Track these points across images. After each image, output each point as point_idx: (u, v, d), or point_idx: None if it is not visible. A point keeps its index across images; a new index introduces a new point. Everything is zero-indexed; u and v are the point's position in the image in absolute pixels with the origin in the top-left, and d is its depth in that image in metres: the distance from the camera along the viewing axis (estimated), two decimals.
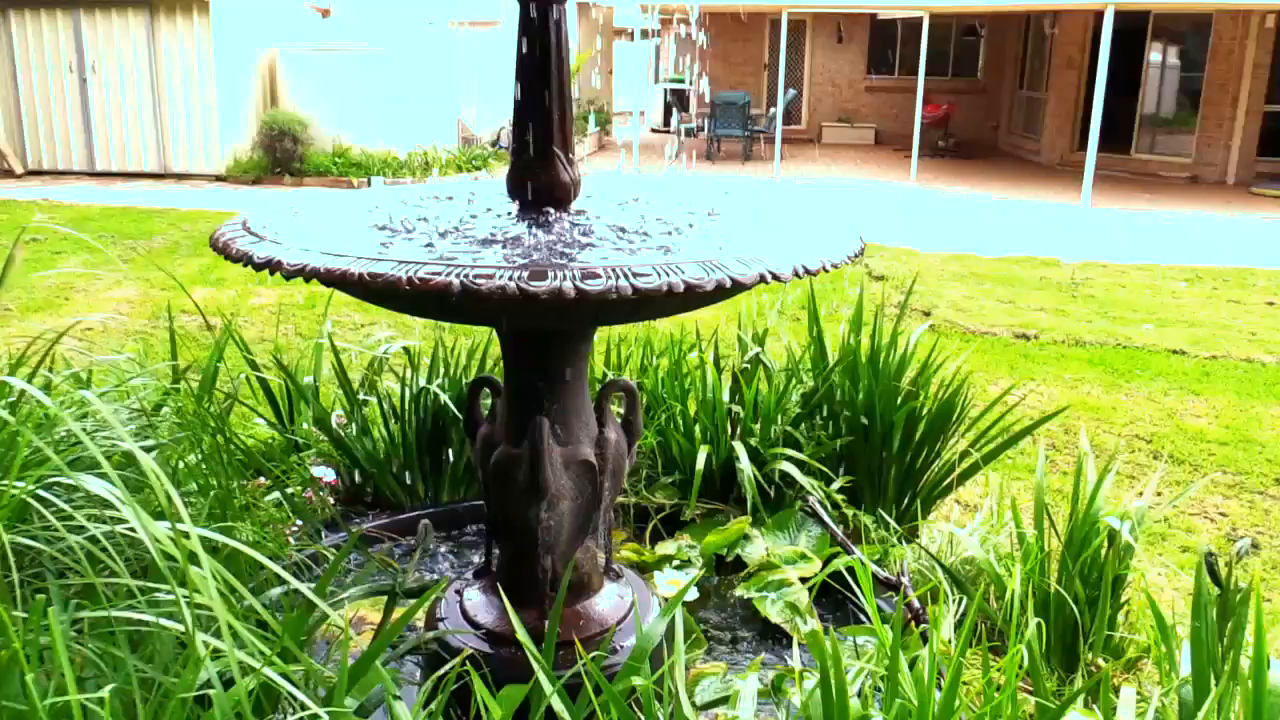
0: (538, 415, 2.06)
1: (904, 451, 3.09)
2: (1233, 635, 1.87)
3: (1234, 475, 4.24)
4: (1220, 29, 15.20)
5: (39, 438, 1.56)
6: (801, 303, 5.01)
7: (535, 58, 2.00)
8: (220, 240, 1.81)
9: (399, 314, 6.10)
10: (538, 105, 2.00)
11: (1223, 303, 7.47)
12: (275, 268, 1.65)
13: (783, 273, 1.68)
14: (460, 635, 2.19)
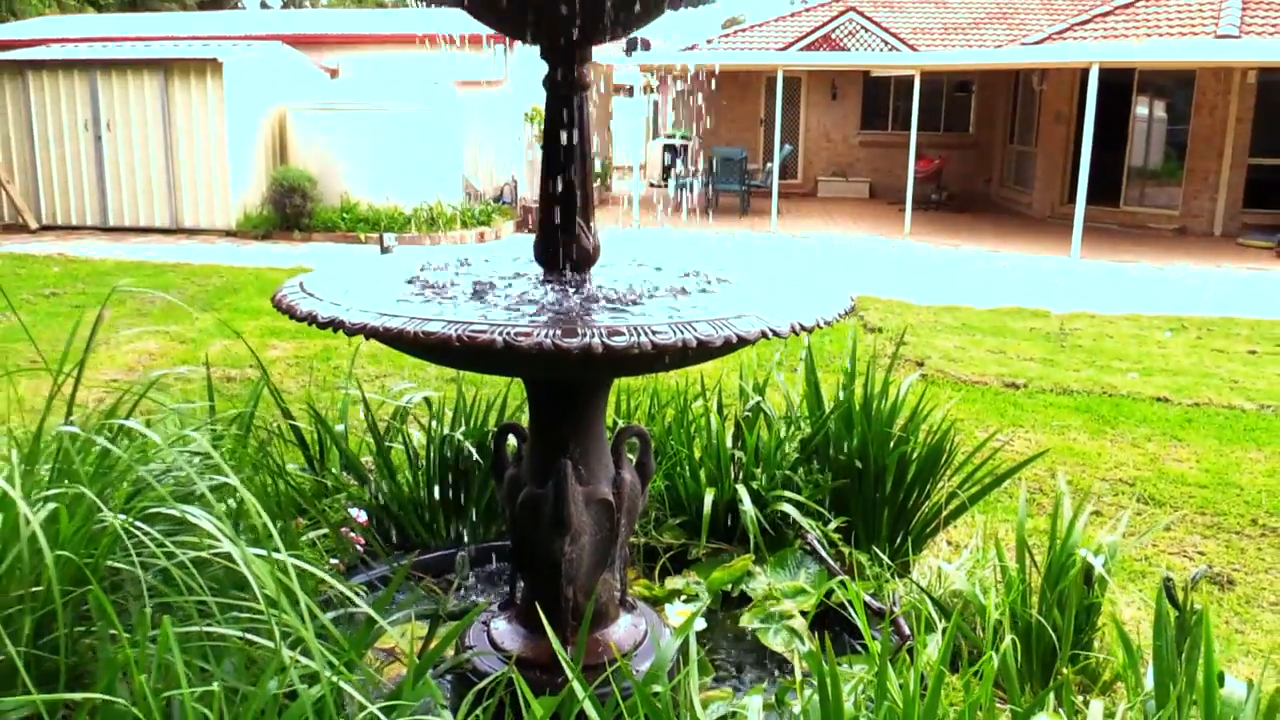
0: (562, 458, 2.29)
1: (896, 493, 3.31)
2: (1190, 652, 2.08)
3: (1212, 516, 4.44)
4: (1203, 84, 15.64)
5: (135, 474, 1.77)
6: (800, 353, 5.25)
7: (560, 139, 2.25)
8: (284, 303, 2.04)
9: (410, 367, 6.33)
10: (563, 181, 2.24)
11: (1206, 351, 7.71)
12: (338, 326, 1.88)
13: (782, 330, 1.91)
14: (488, 659, 2.40)
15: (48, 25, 17.72)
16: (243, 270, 10.41)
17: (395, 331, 1.82)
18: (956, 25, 21.12)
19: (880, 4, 22.07)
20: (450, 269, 2.45)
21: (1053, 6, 21.78)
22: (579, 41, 2.13)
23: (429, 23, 16.04)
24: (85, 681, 1.60)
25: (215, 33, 15.61)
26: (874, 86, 20.50)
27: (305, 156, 13.34)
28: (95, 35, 15.51)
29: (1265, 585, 3.77)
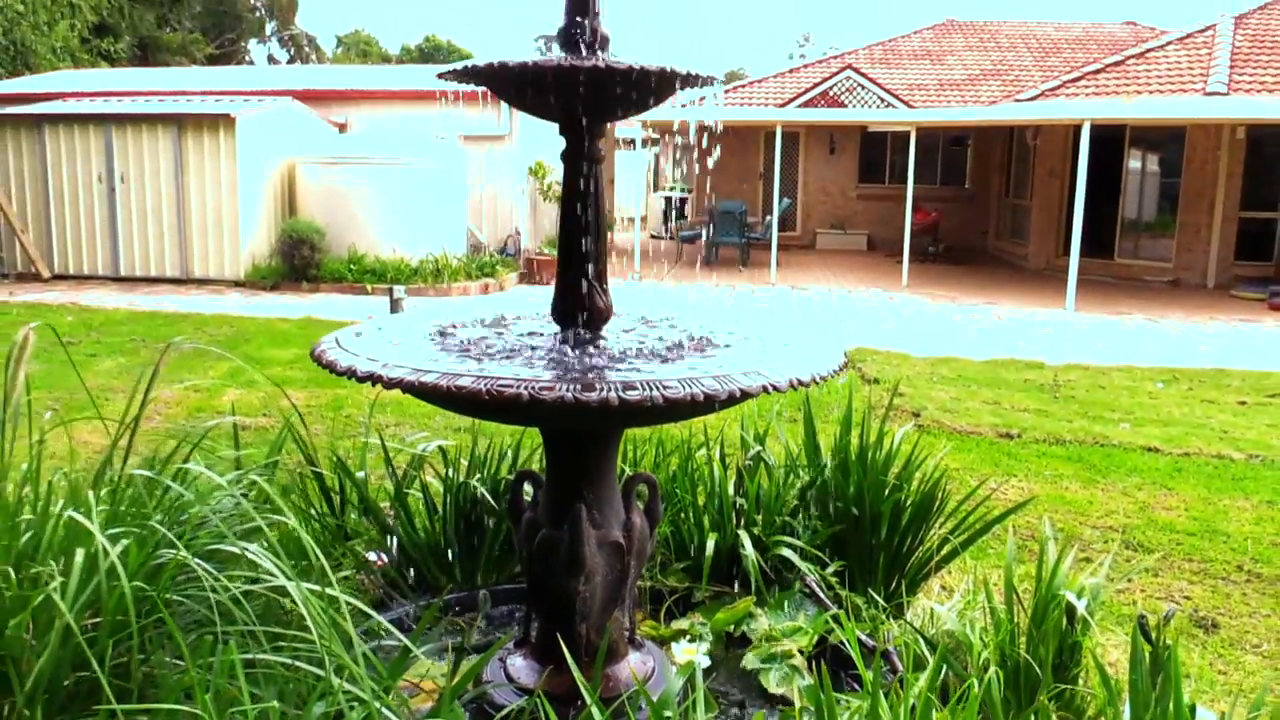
0: (577, 503, 2.45)
1: (890, 538, 3.46)
2: (1163, 686, 2.23)
3: (1200, 562, 4.59)
4: (1194, 139, 15.98)
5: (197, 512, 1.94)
6: (799, 404, 5.42)
7: (576, 207, 2.44)
8: (325, 358, 2.22)
9: (419, 417, 6.50)
10: (578, 247, 2.44)
11: (1197, 402, 7.89)
12: (376, 380, 2.06)
13: (781, 385, 2.09)
14: (504, 692, 2.55)
15: (63, 79, 18.11)
16: (253, 320, 10.61)
17: (429, 386, 2.00)
18: (952, 81, 21.56)
19: (877, 61, 22.55)
20: (473, 326, 2.64)
21: (1046, 63, 22.25)
22: (593, 121, 2.33)
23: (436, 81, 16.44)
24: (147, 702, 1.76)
25: (227, 87, 15.97)
26: (871, 141, 20.89)
27: (314, 209, 13.62)
28: (110, 89, 15.87)
29: (1249, 629, 3.91)
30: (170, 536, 1.70)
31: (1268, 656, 3.69)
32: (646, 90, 2.22)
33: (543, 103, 2.32)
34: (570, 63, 2.11)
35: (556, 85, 2.18)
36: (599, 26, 2.33)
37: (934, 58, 23.06)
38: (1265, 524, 5.13)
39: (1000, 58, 22.99)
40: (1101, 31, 24.54)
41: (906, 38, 24.40)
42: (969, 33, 24.65)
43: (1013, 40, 24.06)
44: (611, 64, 2.10)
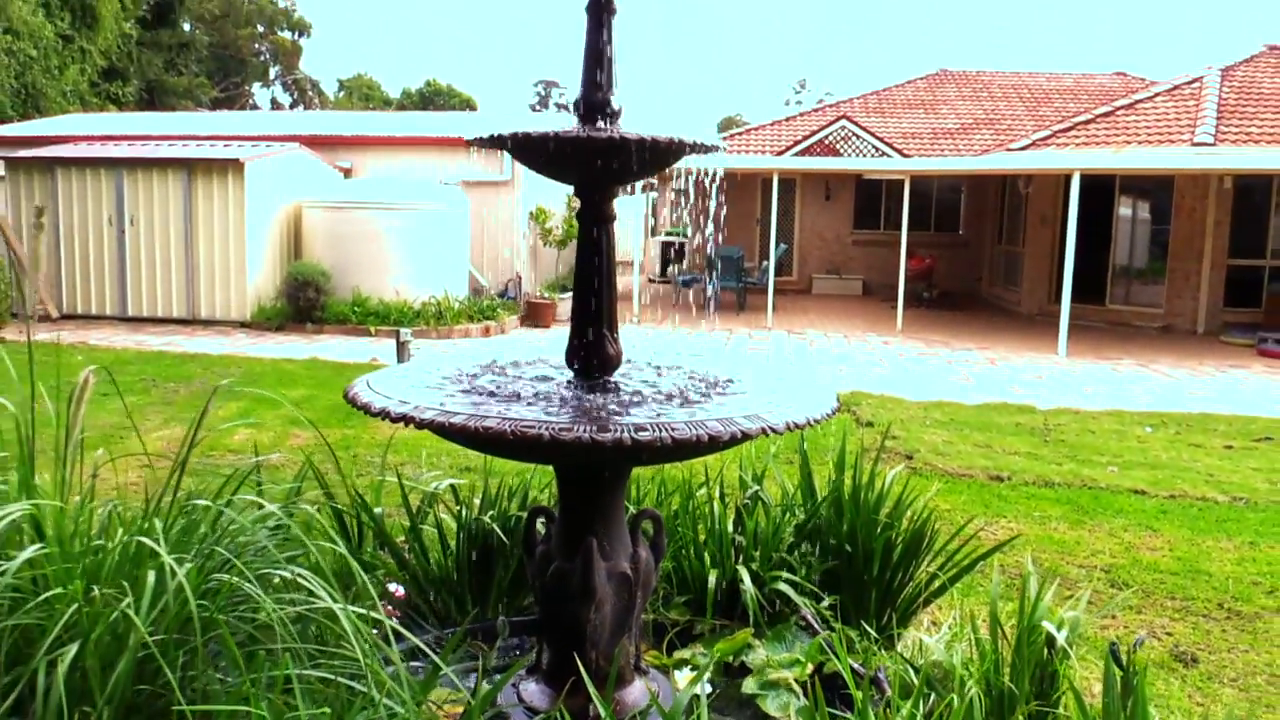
0: (588, 536, 2.64)
1: (882, 574, 3.64)
2: (1133, 708, 2.41)
3: (1182, 600, 4.76)
4: (1182, 188, 16.31)
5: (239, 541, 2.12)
6: (795, 446, 5.60)
7: (589, 262, 2.65)
8: (360, 400, 2.41)
9: (427, 456, 6.68)
10: (590, 298, 2.64)
11: (1184, 446, 8.08)
12: (409, 420, 2.25)
13: (778, 427, 2.29)
14: (517, 714, 2.72)
15: (73, 122, 18.45)
16: (259, 361, 10.80)
17: (458, 427, 2.19)
18: (945, 130, 21.98)
19: (872, 110, 22.99)
20: (492, 371, 2.84)
21: (1038, 113, 22.69)
22: (608, 186, 2.54)
23: (439, 127, 16.74)
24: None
25: (235, 132, 16.29)
26: (866, 188, 21.25)
27: (319, 251, 13.87)
28: (120, 133, 16.17)
29: (1227, 663, 4.08)
30: (232, 559, 1.88)
31: (1244, 689, 3.86)
32: (656, 158, 2.44)
33: (563, 169, 2.54)
34: (588, 134, 2.33)
35: (575, 154, 2.40)
36: (611, 99, 2.55)
37: (928, 107, 23.50)
38: (1246, 564, 5.30)
39: (993, 107, 23.45)
40: (1092, 82, 25.03)
41: (901, 87, 24.88)
42: (962, 83, 25.14)
43: (1005, 90, 24.54)
44: (625, 136, 2.32)
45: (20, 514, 1.85)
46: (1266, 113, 16.57)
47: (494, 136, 2.45)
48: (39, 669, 1.61)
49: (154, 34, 33.15)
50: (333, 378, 10.04)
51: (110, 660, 1.70)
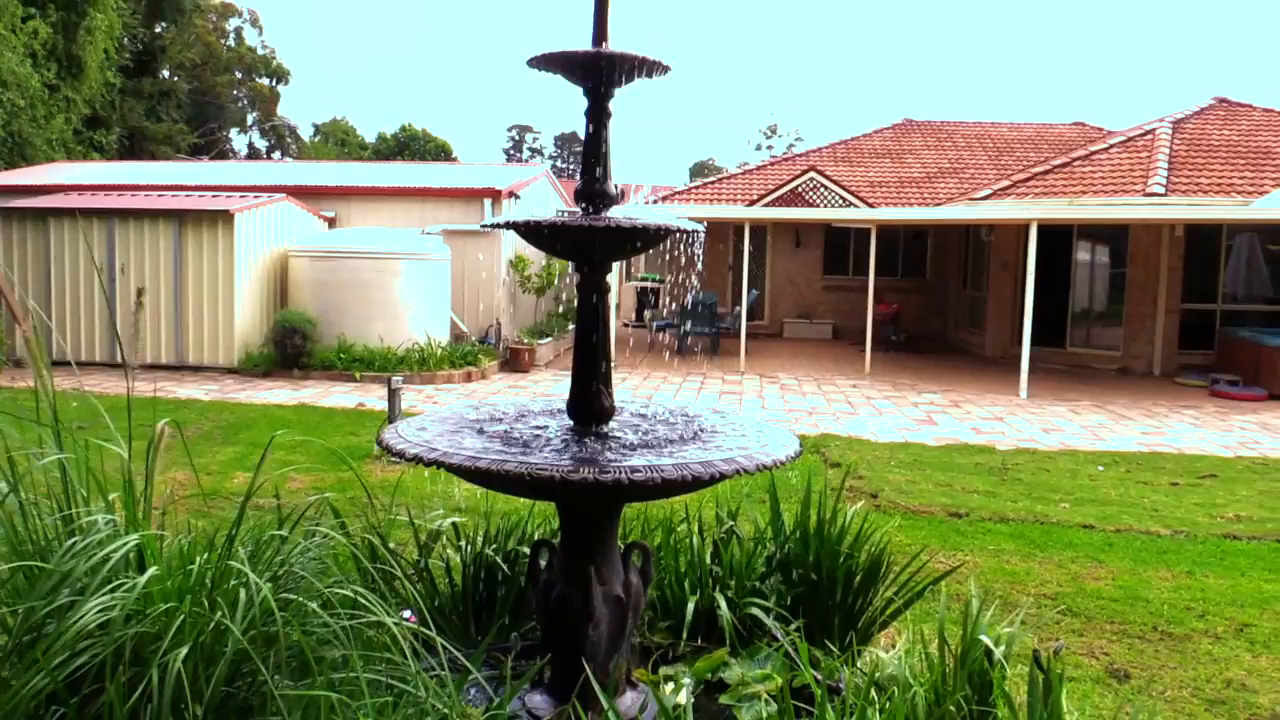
0: (588, 564, 3.06)
1: (844, 599, 4.07)
2: (1052, 705, 2.84)
3: (1120, 624, 5.21)
4: (1137, 235, 17.00)
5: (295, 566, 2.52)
6: (767, 486, 6.04)
7: (588, 326, 3.09)
8: (394, 447, 2.83)
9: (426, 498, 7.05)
10: (590, 359, 3.08)
11: (1133, 484, 8.58)
12: (440, 464, 2.67)
13: (750, 468, 2.73)
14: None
15: (64, 171, 18.79)
16: (250, 406, 11.15)
17: (481, 470, 2.62)
18: (911, 179, 22.71)
19: (840, 159, 23.72)
20: (504, 421, 3.26)
21: (1000, 162, 23.50)
22: (604, 262, 2.99)
23: (421, 178, 17.21)
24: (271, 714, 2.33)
25: (222, 182, 16.71)
26: (835, 235, 21.90)
27: (305, 299, 14.25)
28: (109, 182, 16.54)
29: (1157, 679, 4.53)
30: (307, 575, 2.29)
31: (1170, 702, 4.30)
32: (646, 240, 2.89)
33: (566, 250, 2.99)
34: (589, 223, 2.78)
35: (577, 237, 2.85)
36: (608, 188, 3.01)
37: (894, 156, 24.26)
38: (1182, 591, 5.77)
39: (957, 156, 24.24)
40: (1052, 132, 25.93)
41: (868, 136, 25.67)
42: (927, 132, 25.97)
43: (969, 140, 25.37)
44: (620, 223, 2.77)
45: (132, 545, 2.24)
46: (1215, 164, 17.37)
47: (508, 222, 2.89)
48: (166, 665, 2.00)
49: (136, 82, 33.59)
50: (323, 423, 10.41)
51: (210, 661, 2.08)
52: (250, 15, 49.78)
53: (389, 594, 4.08)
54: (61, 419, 3.28)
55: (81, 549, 2.19)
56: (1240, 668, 4.69)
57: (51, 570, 2.15)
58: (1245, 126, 19.09)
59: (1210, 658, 4.80)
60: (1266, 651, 4.90)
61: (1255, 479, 8.91)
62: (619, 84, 2.94)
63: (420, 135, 56.31)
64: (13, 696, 1.89)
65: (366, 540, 4.22)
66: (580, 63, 2.87)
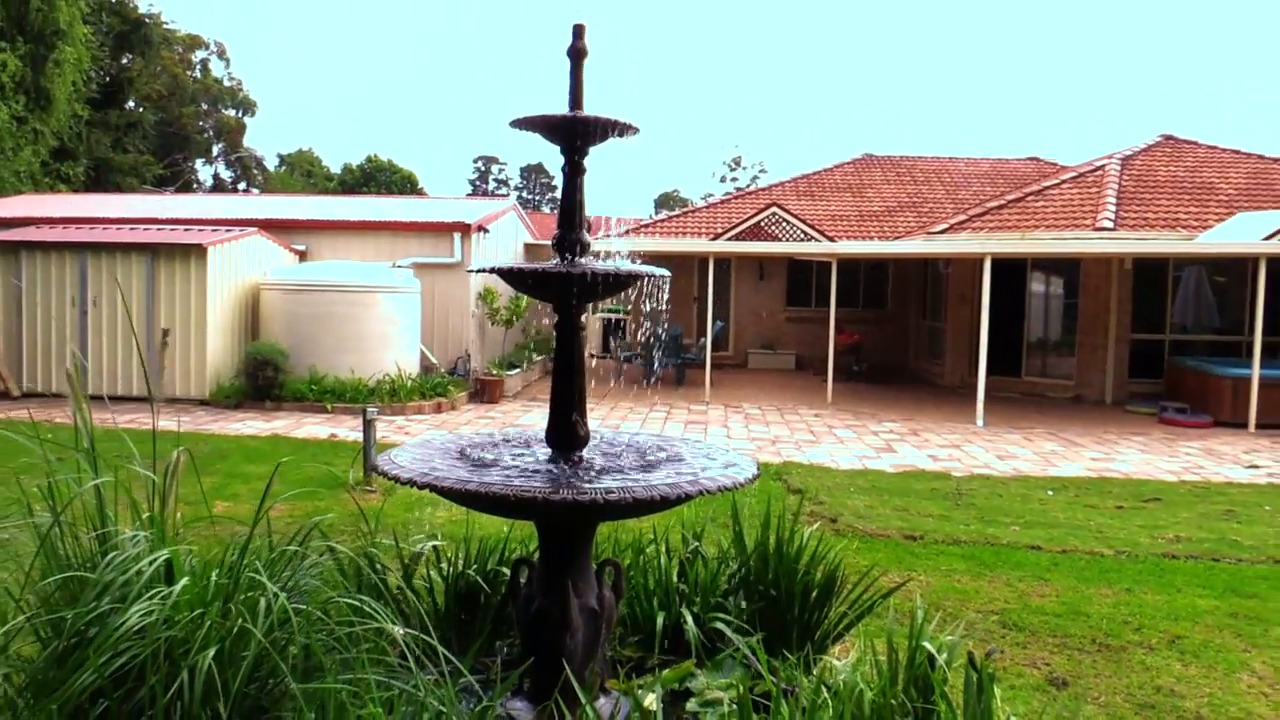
0: (565, 578, 3.35)
1: (802, 613, 4.38)
2: (986, 703, 3.16)
3: (1062, 637, 5.55)
4: (1088, 268, 17.58)
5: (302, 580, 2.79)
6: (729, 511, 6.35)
7: (565, 361, 3.40)
8: (391, 472, 3.11)
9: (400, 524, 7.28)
10: (567, 392, 3.38)
11: (1080, 507, 8.97)
12: (433, 487, 2.96)
13: (711, 489, 3.04)
14: None
15: (34, 203, 18.87)
16: (224, 437, 11.31)
17: (473, 492, 2.91)
18: (871, 213, 23.28)
19: (803, 193, 24.26)
20: (488, 448, 3.56)
21: (957, 196, 24.14)
22: (580, 305, 3.31)
23: (391, 212, 17.46)
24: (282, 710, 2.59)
25: (194, 215, 16.90)
26: (798, 267, 22.39)
27: (276, 331, 14.44)
28: (81, 215, 16.68)
29: (1092, 686, 4.87)
30: (323, 587, 2.56)
31: (1103, 706, 4.64)
32: (619, 284, 3.21)
33: (546, 293, 3.30)
34: (566, 270, 3.10)
35: (557, 283, 3.16)
36: (583, 237, 3.33)
37: (855, 190, 24.85)
38: (1121, 607, 6.13)
39: (916, 190, 24.88)
40: (1008, 167, 26.68)
41: (830, 171, 26.27)
42: (887, 167, 26.62)
43: (927, 174, 26.04)
44: (595, 270, 3.09)
45: (162, 559, 2.51)
46: (1161, 199, 18.05)
47: (495, 268, 3.20)
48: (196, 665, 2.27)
49: (103, 114, 33.65)
50: (296, 453, 10.60)
51: (232, 662, 2.35)
52: (217, 47, 50.03)
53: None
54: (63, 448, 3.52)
55: (119, 562, 2.46)
56: (1170, 676, 5.04)
57: (96, 580, 2.42)
58: (1190, 163, 19.84)
59: (1143, 667, 5.15)
60: (1196, 661, 5.26)
61: (1196, 502, 9.34)
62: (592, 143, 3.27)
63: (386, 166, 56.53)
64: (65, 690, 2.15)
65: (354, 562, 4.48)
66: (557, 125, 3.20)
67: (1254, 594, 6.46)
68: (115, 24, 34.92)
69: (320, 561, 3.28)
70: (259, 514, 3.12)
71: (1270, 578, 6.83)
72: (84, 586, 2.46)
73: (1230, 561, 7.22)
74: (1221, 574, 6.90)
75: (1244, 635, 5.68)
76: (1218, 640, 5.58)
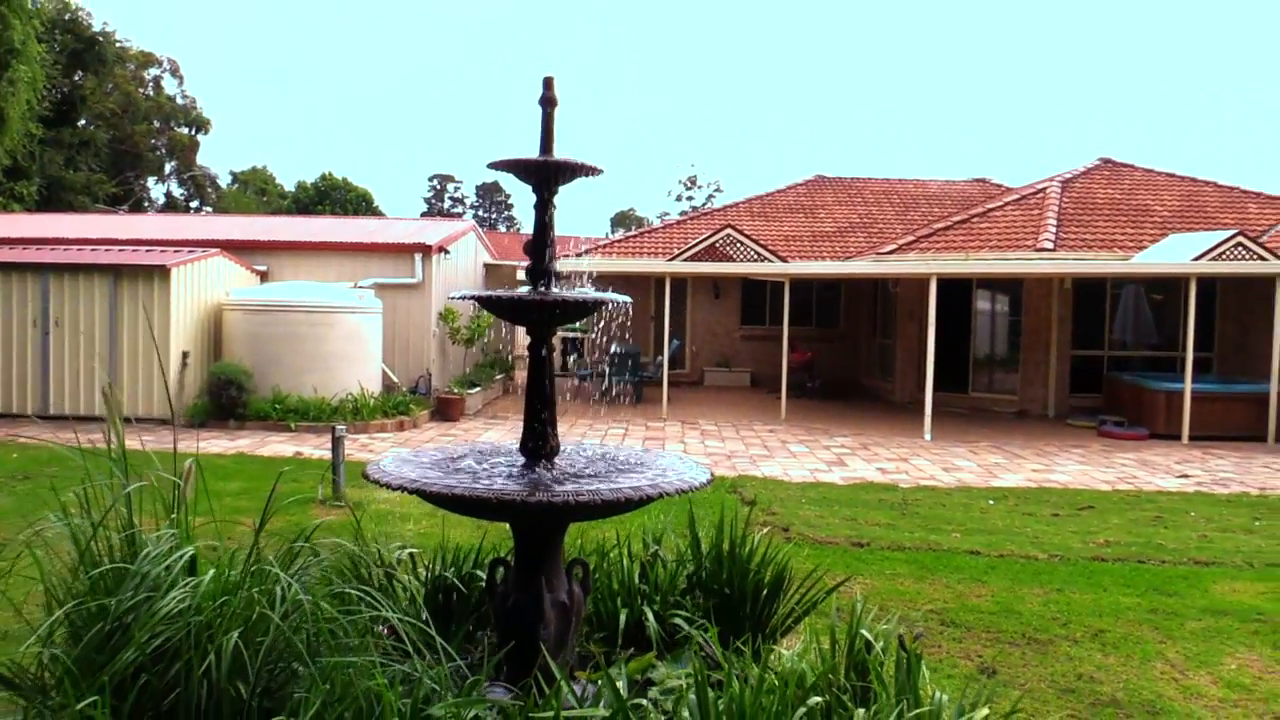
0: (539, 575, 3.71)
1: (753, 609, 4.77)
2: (912, 679, 3.56)
3: (994, 632, 5.99)
4: (1030, 287, 18.24)
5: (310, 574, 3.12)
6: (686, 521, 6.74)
7: (538, 377, 3.76)
8: (383, 480, 3.45)
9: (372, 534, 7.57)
10: (540, 406, 3.75)
11: (1019, 515, 9.46)
12: (421, 492, 3.30)
13: (670, 491, 3.41)
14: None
15: None
16: (189, 456, 11.48)
17: (457, 496, 3.26)
18: (823, 233, 23.88)
19: (757, 214, 24.82)
20: (466, 459, 3.91)
21: (906, 217, 24.83)
22: (552, 327, 3.68)
23: (353, 233, 17.70)
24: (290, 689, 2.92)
25: (155, 235, 17.04)
26: (752, 286, 22.91)
27: (239, 351, 14.63)
28: (36, 235, 16.74)
29: (1019, 674, 5.29)
30: (337, 581, 2.90)
31: (1029, 691, 5.06)
32: (586, 309, 3.59)
33: (520, 318, 3.67)
34: (538, 298, 3.47)
35: (531, 309, 3.53)
36: (553, 268, 3.70)
37: (807, 211, 25.46)
38: (1051, 605, 6.59)
39: (866, 211, 25.54)
40: (955, 188, 27.46)
41: (783, 192, 26.88)
42: (838, 188, 27.28)
43: (877, 195, 26.73)
44: (564, 297, 3.46)
45: (189, 554, 2.84)
46: (1099, 220, 18.79)
47: (475, 296, 3.56)
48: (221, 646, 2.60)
49: (56, 132, 33.48)
50: (263, 471, 10.82)
51: (249, 644, 2.67)
52: (170, 64, 49.82)
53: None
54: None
55: (154, 556, 2.79)
56: (1092, 665, 5.49)
57: (135, 571, 2.74)
58: (1127, 185, 20.66)
59: (1068, 657, 5.59)
60: (1115, 652, 5.72)
61: (1127, 509, 9.88)
62: (562, 184, 3.65)
63: (341, 184, 56.35)
64: (115, 665, 2.46)
65: (344, 563, 4.80)
66: (530, 168, 3.58)
67: (1174, 592, 6.95)
68: (69, 42, 34.82)
69: (316, 561, 3.60)
70: (263, 519, 3.45)
71: (1189, 577, 7.34)
72: (119, 579, 2.78)
73: (1155, 563, 7.71)
74: (1145, 574, 7.39)
75: (1161, 629, 6.15)
76: (1137, 633, 6.04)
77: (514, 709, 3.07)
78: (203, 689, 2.57)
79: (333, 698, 2.66)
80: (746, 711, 3.17)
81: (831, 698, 3.75)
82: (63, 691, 2.46)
